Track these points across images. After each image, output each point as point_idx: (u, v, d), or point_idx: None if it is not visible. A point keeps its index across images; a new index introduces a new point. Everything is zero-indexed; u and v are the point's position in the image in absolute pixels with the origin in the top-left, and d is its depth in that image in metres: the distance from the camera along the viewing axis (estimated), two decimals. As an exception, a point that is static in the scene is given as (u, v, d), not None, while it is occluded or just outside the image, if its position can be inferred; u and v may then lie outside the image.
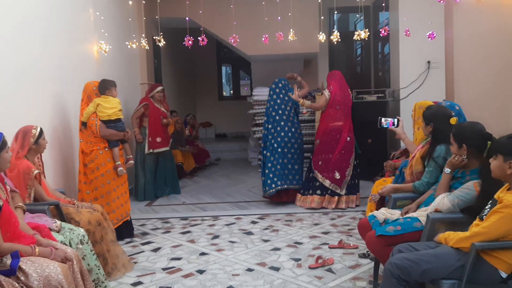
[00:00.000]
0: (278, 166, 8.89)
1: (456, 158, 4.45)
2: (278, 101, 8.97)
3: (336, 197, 8.78)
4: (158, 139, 10.12)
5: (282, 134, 8.86)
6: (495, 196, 3.75)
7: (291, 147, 8.92)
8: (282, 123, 8.89)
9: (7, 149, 4.14)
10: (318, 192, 8.82)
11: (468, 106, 8.68)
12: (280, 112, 8.93)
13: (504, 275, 3.66)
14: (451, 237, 3.87)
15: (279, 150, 8.88)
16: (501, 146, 3.75)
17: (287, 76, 9.31)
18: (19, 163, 5.22)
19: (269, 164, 8.93)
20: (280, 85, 9.03)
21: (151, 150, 10.10)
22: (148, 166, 10.16)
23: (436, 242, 4.08)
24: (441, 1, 8.03)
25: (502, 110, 8.66)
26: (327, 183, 8.74)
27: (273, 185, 8.83)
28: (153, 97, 10.08)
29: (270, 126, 8.99)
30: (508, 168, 3.63)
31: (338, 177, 8.76)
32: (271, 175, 8.87)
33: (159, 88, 10.18)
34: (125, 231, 7.37)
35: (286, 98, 8.95)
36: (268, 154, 8.97)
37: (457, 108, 5.84)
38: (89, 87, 7.09)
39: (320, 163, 8.89)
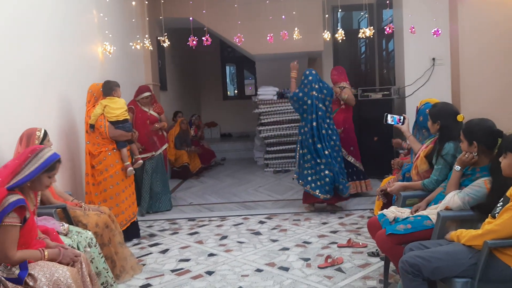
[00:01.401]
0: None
1: (466, 156, 4.42)
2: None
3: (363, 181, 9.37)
4: (142, 147, 8.84)
5: None
6: (507, 194, 3.72)
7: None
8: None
9: (50, 174, 4.11)
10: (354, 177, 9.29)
11: (474, 103, 8.69)
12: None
13: (517, 272, 3.64)
14: (463, 235, 3.84)
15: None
16: (510, 144, 3.72)
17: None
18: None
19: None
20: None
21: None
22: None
23: (448, 240, 4.05)
24: (445, -3, 8.01)
25: (508, 106, 8.62)
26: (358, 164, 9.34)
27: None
28: (139, 101, 9.10)
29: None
30: None
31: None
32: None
33: (146, 94, 9.03)
34: (132, 232, 7.39)
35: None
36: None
37: None
38: (96, 88, 7.10)
39: (351, 148, 9.35)
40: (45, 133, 5.43)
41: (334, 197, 8.31)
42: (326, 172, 8.07)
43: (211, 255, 6.54)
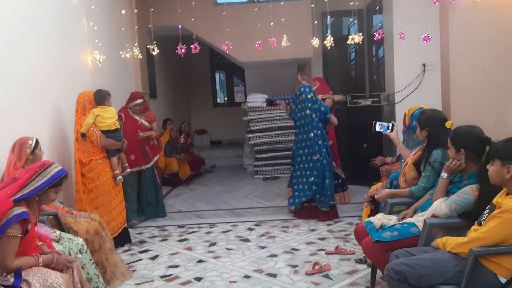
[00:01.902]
0: None
1: (454, 163, 4.44)
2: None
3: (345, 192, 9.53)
4: (132, 157, 8.57)
5: None
6: (494, 201, 3.74)
7: None
8: None
9: (57, 189, 4.17)
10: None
11: (464, 109, 8.72)
12: None
13: (503, 280, 3.66)
14: (449, 242, 3.87)
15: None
16: (497, 151, 3.74)
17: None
18: (18, 173, 5.25)
19: None
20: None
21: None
22: (130, 185, 8.71)
23: (434, 247, 4.08)
24: (436, 2, 8.02)
25: (499, 112, 8.69)
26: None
27: None
28: (130, 108, 8.73)
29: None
30: (507, 172, 3.62)
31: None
32: None
33: (138, 101, 8.68)
34: (123, 238, 7.44)
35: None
36: None
37: None
38: (81, 97, 7.18)
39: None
40: (37, 142, 5.55)
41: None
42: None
43: (200, 261, 6.56)
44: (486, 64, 8.93)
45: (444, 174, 4.53)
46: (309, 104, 8.35)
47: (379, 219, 4.93)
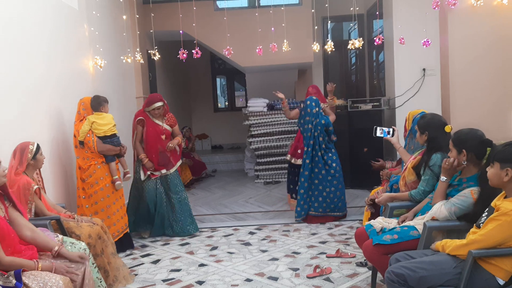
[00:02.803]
0: None
1: (447, 163, 4.48)
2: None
3: None
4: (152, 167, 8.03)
5: None
6: (492, 204, 3.78)
7: None
8: None
9: None
10: None
11: (464, 113, 8.75)
12: None
13: (501, 282, 3.69)
14: (448, 245, 3.90)
15: None
16: (497, 154, 3.77)
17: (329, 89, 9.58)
18: (19, 179, 5.29)
19: None
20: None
21: (148, 174, 8.08)
22: (149, 195, 8.14)
23: (433, 250, 4.11)
24: (436, 8, 8.06)
25: (498, 117, 8.71)
26: None
27: None
28: (150, 112, 8.02)
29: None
30: (505, 175, 3.65)
31: None
32: None
33: (158, 104, 7.96)
34: (125, 243, 7.46)
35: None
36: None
37: None
38: (79, 103, 7.22)
39: None
40: (38, 147, 5.57)
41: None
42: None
43: (201, 265, 6.59)
44: (485, 69, 8.95)
45: (443, 178, 4.57)
46: (312, 118, 8.59)
47: (380, 222, 4.96)
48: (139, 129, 8.04)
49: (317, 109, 8.61)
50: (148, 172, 8.04)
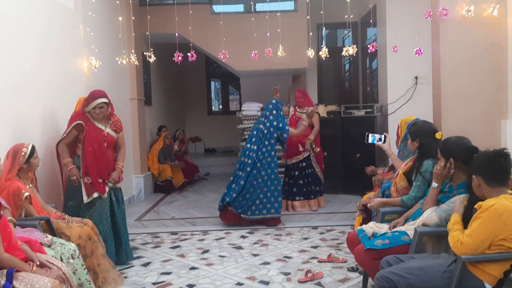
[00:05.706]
0: None
1: (438, 168, 4.53)
2: None
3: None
4: (99, 179, 6.65)
5: None
6: (475, 206, 3.82)
7: None
8: None
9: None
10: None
11: (455, 121, 8.78)
12: None
13: (489, 287, 3.73)
14: (455, 228, 3.96)
15: None
16: (476, 168, 3.91)
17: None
18: (10, 184, 5.24)
19: None
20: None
21: (92, 197, 6.59)
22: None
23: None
24: (428, 18, 8.11)
25: (489, 125, 8.75)
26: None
27: None
28: (90, 113, 6.66)
29: None
30: (477, 185, 3.82)
31: None
32: None
33: (100, 100, 6.61)
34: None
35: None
36: None
37: None
38: (77, 103, 7.20)
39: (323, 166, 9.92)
40: (33, 150, 5.51)
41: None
42: None
43: (192, 268, 6.59)
44: (476, 77, 9.01)
45: (435, 184, 4.61)
46: (264, 120, 8.86)
47: (371, 227, 4.99)
48: (72, 132, 6.61)
49: (275, 111, 8.81)
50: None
